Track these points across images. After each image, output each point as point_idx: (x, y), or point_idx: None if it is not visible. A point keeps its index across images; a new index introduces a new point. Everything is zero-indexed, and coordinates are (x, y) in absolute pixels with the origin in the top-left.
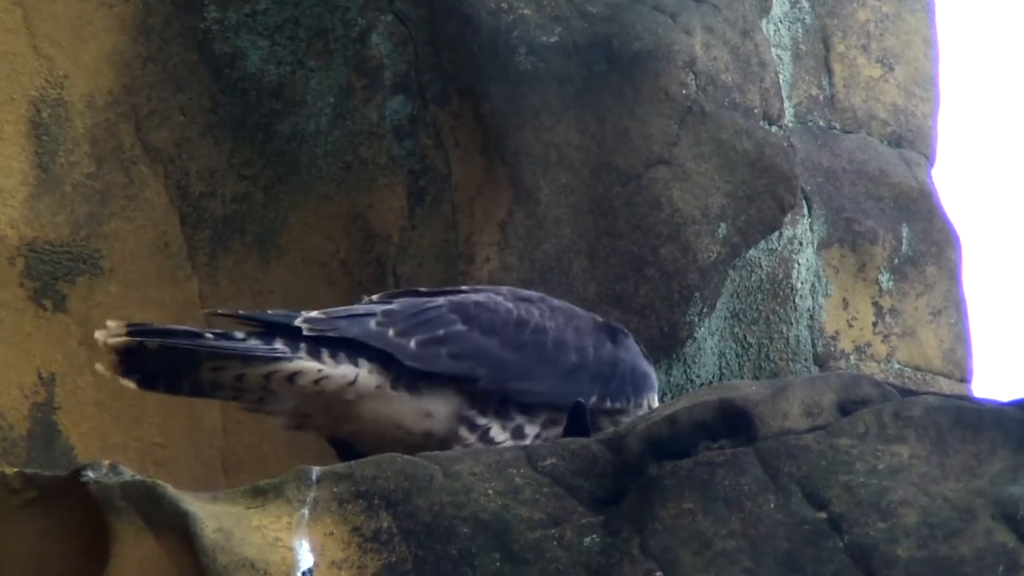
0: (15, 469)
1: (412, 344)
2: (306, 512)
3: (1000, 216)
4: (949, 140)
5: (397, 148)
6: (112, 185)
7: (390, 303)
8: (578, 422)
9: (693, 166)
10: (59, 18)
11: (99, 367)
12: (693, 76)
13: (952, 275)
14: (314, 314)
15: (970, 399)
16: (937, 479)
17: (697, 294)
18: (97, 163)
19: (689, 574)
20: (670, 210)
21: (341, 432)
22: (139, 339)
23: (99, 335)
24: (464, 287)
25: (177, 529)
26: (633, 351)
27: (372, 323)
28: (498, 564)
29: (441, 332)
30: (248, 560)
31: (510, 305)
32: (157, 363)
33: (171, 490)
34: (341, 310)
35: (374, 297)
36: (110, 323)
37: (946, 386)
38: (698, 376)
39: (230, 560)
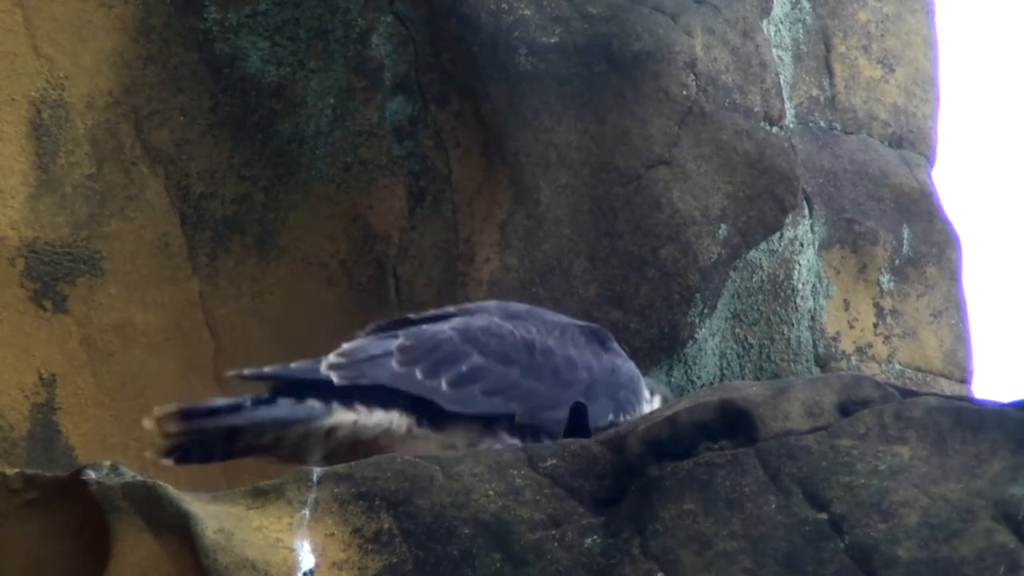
0: (15, 469)
1: (444, 386)
2: (307, 513)
3: (1000, 216)
4: (949, 140)
5: (397, 149)
6: (112, 186)
7: (396, 337)
8: (578, 422)
9: (693, 167)
10: (59, 19)
11: (147, 454)
12: (693, 77)
13: (952, 276)
14: (334, 359)
15: (970, 400)
16: (938, 480)
17: (698, 295)
18: (97, 164)
19: (690, 575)
20: (670, 211)
21: None
22: (194, 429)
23: (148, 424)
24: (451, 308)
25: (178, 530)
26: (620, 352)
27: (394, 363)
28: (499, 565)
29: (464, 368)
30: (249, 561)
31: (510, 327)
32: (198, 439)
33: (172, 491)
34: (359, 351)
35: (365, 330)
36: (157, 409)
37: (946, 387)
38: (699, 377)
39: (231, 561)
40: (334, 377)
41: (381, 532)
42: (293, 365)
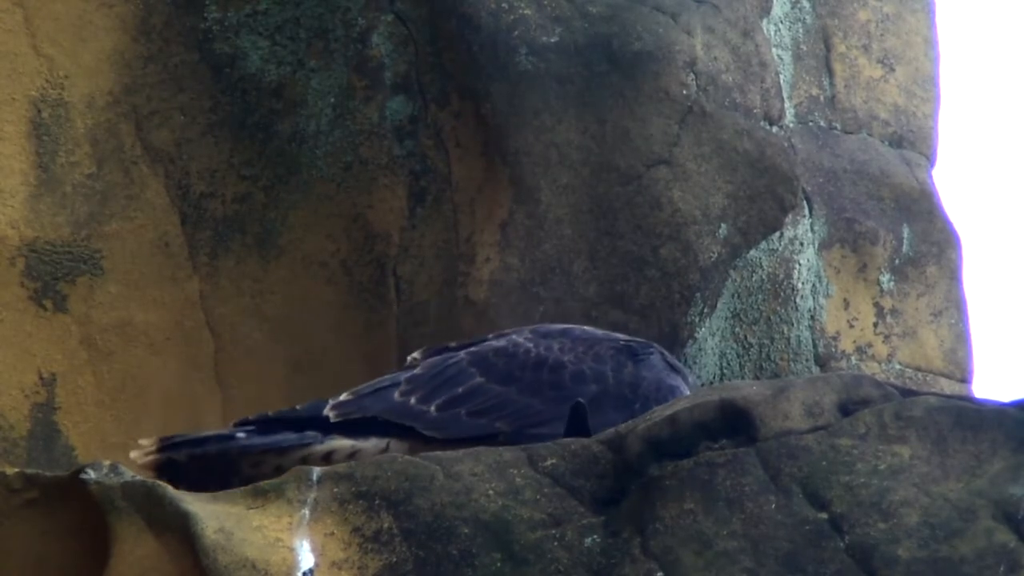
0: (16, 469)
1: (432, 410)
2: (307, 512)
3: (1000, 216)
4: (949, 140)
5: (398, 148)
6: (112, 185)
7: (416, 367)
8: (578, 422)
9: (694, 166)
10: (60, 18)
11: (132, 454)
12: (694, 76)
13: (953, 275)
14: (343, 397)
15: (971, 399)
16: (938, 479)
17: (698, 294)
18: (97, 163)
19: (690, 574)
20: (671, 210)
21: None
22: (168, 455)
23: (133, 455)
24: (490, 335)
25: (178, 529)
26: (657, 367)
27: (396, 394)
28: (499, 564)
29: (460, 390)
30: (249, 560)
31: (529, 346)
32: (194, 468)
33: (171, 490)
34: (368, 386)
35: (416, 354)
36: (142, 441)
37: (947, 386)
38: (699, 376)
39: (231, 560)
40: (331, 415)
41: (381, 531)
42: (299, 407)
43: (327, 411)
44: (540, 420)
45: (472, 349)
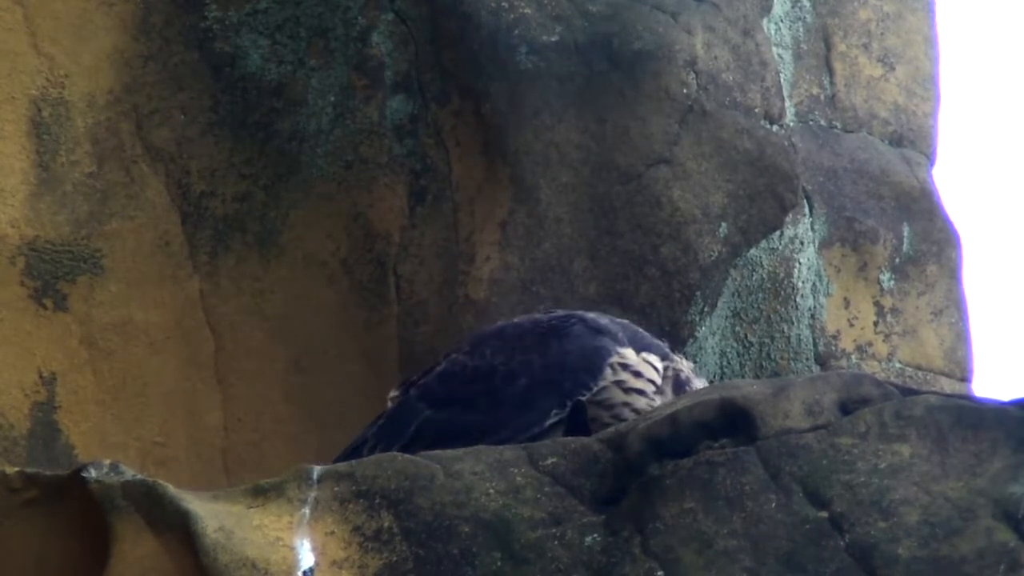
0: (15, 468)
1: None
2: (307, 511)
3: (1000, 216)
4: (950, 140)
5: (398, 147)
6: (113, 184)
7: (381, 421)
8: (578, 422)
9: (694, 165)
10: (60, 17)
11: None
12: (694, 75)
13: (953, 274)
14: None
15: (971, 398)
16: (938, 478)
17: (698, 293)
18: (98, 162)
19: (690, 573)
20: (671, 209)
21: None
22: None
23: None
24: (451, 350)
25: (178, 528)
26: (578, 335)
27: (364, 450)
28: (499, 563)
29: (412, 428)
30: (249, 559)
31: (465, 360)
32: None
33: (172, 489)
34: (346, 449)
35: (393, 392)
36: None
37: (947, 385)
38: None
39: (231, 559)
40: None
41: (381, 530)
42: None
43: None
44: (482, 430)
45: (424, 381)
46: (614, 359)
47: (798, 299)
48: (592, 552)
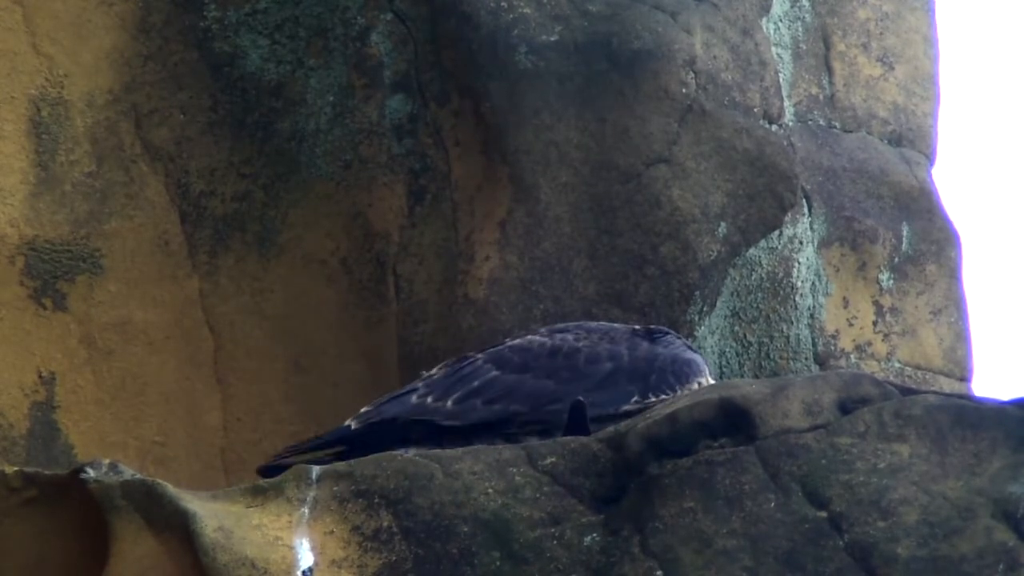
0: (15, 468)
1: (449, 404)
2: (306, 511)
3: (1000, 216)
4: (949, 139)
5: (397, 147)
6: (112, 184)
7: (434, 374)
8: (578, 421)
9: (693, 165)
10: (59, 16)
11: None
12: (693, 75)
13: (952, 274)
14: (363, 408)
15: (970, 398)
16: (937, 478)
17: (697, 293)
18: (97, 162)
19: (689, 573)
20: (670, 209)
21: None
22: None
23: None
24: (507, 339)
25: (177, 528)
26: (673, 345)
27: (414, 397)
28: (498, 563)
29: (476, 384)
30: (248, 559)
31: (544, 339)
32: None
33: (171, 489)
34: (387, 395)
35: (434, 370)
36: None
37: (946, 385)
38: None
39: (230, 559)
40: (353, 424)
41: (380, 530)
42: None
43: (349, 421)
44: (555, 398)
45: (490, 350)
46: (702, 379)
47: (797, 299)
48: (591, 551)
